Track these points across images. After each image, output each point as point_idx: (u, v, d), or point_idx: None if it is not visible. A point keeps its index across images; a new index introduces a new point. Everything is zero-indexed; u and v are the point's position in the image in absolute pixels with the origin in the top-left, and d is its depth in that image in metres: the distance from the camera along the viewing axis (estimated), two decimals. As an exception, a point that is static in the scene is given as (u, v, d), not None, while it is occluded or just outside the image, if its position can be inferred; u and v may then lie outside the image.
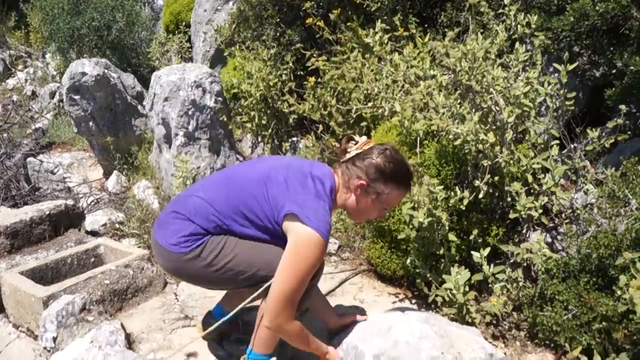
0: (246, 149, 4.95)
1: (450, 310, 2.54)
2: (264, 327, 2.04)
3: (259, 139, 4.76)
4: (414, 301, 2.99)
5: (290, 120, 4.44)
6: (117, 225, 3.97)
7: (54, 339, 2.50)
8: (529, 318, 2.57)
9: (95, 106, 4.71)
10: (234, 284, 2.10)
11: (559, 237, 3.11)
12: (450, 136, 2.54)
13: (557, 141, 2.87)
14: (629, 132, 3.32)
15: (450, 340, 2.09)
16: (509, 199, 2.72)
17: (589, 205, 3.08)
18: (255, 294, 2.05)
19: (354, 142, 2.10)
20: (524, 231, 3.13)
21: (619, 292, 2.38)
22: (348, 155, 2.09)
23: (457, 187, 2.65)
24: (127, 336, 2.55)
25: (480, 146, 2.48)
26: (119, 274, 2.88)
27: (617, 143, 3.23)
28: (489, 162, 2.50)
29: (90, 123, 4.73)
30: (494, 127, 2.61)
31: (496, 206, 2.95)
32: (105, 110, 4.81)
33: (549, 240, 3.12)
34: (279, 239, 2.02)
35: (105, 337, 2.35)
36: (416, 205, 2.54)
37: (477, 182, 2.53)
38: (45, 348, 2.49)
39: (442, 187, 2.58)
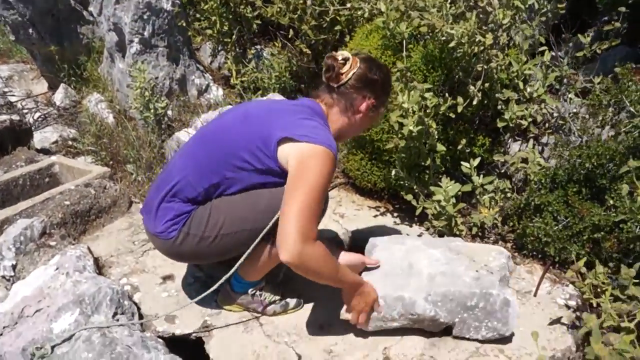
0: (206, 58, 4.60)
1: (439, 223, 2.44)
2: (257, 260, 1.90)
3: (220, 47, 4.41)
4: (395, 214, 2.89)
5: (254, 26, 4.10)
6: (70, 142, 3.66)
7: (13, 267, 2.28)
8: (518, 229, 2.51)
9: (35, 10, 4.21)
10: (240, 247, 1.84)
11: (539, 148, 3.02)
12: (443, 38, 2.33)
13: (545, 47, 2.71)
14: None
15: (469, 256, 2.02)
16: (499, 107, 2.57)
17: (572, 115, 2.99)
18: (257, 240, 1.82)
19: (342, 61, 1.88)
20: (507, 141, 3.05)
21: (611, 202, 2.33)
22: (345, 78, 1.89)
23: (446, 94, 2.47)
24: (96, 260, 2.35)
25: (475, 49, 2.29)
26: (79, 194, 2.63)
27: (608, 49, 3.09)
28: (483, 67, 2.32)
29: (30, 30, 4.25)
30: (485, 29, 2.41)
31: (482, 115, 2.82)
32: (46, 16, 4.31)
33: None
34: (279, 177, 1.80)
35: (72, 263, 2.15)
36: (405, 113, 2.36)
37: (471, 89, 2.36)
38: (3, 277, 2.27)
39: (431, 93, 2.40)
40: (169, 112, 3.87)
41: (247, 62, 4.15)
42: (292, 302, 2.13)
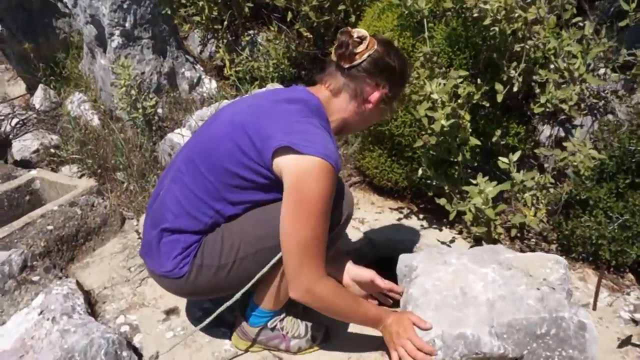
0: (195, 48, 4.23)
1: (479, 230, 2.13)
2: (275, 285, 1.65)
3: (210, 35, 4.05)
4: (421, 216, 2.58)
5: (246, 9, 3.74)
6: (52, 151, 3.31)
7: (-8, 309, 1.96)
8: (564, 230, 2.20)
9: (2, 5, 3.82)
10: (264, 272, 1.62)
11: (573, 132, 2.71)
12: (475, 14, 1.99)
13: (579, 17, 2.38)
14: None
15: (524, 270, 1.72)
16: (537, 90, 2.25)
17: (611, 93, 2.68)
18: (267, 267, 1.61)
19: (357, 39, 1.57)
20: (537, 126, 2.73)
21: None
22: (359, 59, 1.58)
23: (478, 80, 2.14)
24: (87, 295, 2.04)
25: (515, 26, 1.96)
26: (64, 216, 2.30)
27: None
28: (524, 46, 1.99)
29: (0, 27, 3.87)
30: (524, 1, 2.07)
31: (513, 100, 2.49)
32: (17, 10, 3.92)
33: (562, 134, 2.73)
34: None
35: (59, 304, 1.84)
36: (434, 105, 2.04)
37: (511, 73, 2.03)
38: (-19, 322, 1.96)
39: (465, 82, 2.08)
40: (159, 111, 3.52)
41: (241, 50, 3.79)
42: (318, 335, 1.83)
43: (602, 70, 2.60)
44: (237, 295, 1.62)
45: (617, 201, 2.13)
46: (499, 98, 2.03)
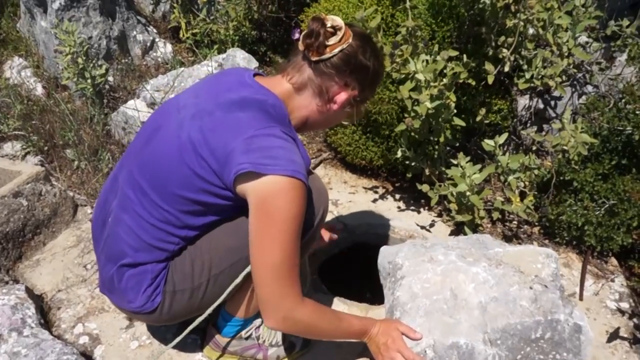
0: (147, 6, 3.88)
1: (464, 218, 2.02)
2: (248, 292, 1.52)
3: (163, -8, 3.72)
4: (397, 196, 2.45)
5: (202, -36, 3.42)
6: (-9, 126, 3.00)
7: None
8: (550, 214, 2.12)
9: None
10: (237, 283, 1.46)
11: (552, 104, 2.61)
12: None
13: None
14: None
15: (514, 265, 1.62)
16: (524, 66, 2.11)
17: (593, 63, 2.57)
18: (240, 278, 1.44)
19: (330, 29, 1.34)
20: (516, 99, 2.61)
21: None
22: (328, 53, 1.35)
23: (463, 56, 1.98)
24: (39, 301, 1.85)
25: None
26: (7, 209, 2.07)
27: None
28: (518, 22, 1.83)
29: None
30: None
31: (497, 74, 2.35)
32: (-60, -37, 3.49)
33: (541, 106, 2.62)
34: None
35: (7, 318, 1.64)
36: (419, 85, 1.87)
37: (504, 52, 1.88)
38: None
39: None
40: (110, 79, 3.23)
41: (198, 10, 3.49)
42: (297, 341, 1.70)
43: (582, 39, 2.48)
44: (210, 310, 1.46)
45: (604, 183, 2.05)
46: (490, 80, 1.88)
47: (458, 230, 2.23)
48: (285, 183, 1.23)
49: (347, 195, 2.46)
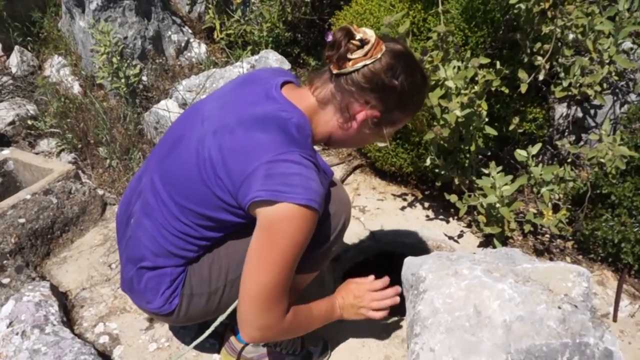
0: (183, 6, 3.92)
1: (493, 230, 1.95)
2: None
3: (199, -7, 3.74)
4: (426, 204, 2.39)
5: (238, -34, 3.43)
6: (29, 122, 3.07)
7: (-42, 316, 1.79)
8: (584, 229, 2.03)
9: (-28, -42, 3.49)
10: None
11: (591, 112, 2.50)
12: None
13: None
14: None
15: (543, 283, 1.55)
16: (561, 73, 2.02)
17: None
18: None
19: (357, 43, 1.25)
20: (553, 107, 2.52)
21: None
22: (349, 68, 1.26)
23: (496, 63, 1.91)
24: (64, 298, 1.87)
25: (545, 5, 1.71)
26: (38, 206, 2.10)
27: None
28: (555, 28, 1.75)
29: (-31, -18, 3.55)
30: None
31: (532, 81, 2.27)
32: (-13, -37, 3.59)
33: (580, 115, 2.52)
34: None
35: (30, 314, 1.66)
36: (449, 92, 1.82)
37: (538, 60, 1.80)
38: (-54, 329, 1.79)
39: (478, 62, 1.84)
40: (144, 79, 3.26)
41: (233, 11, 3.50)
42: (315, 350, 1.68)
43: (627, 44, 2.37)
44: (225, 314, 1.44)
45: (643, 199, 1.95)
46: (523, 89, 1.81)
47: (487, 241, 2.16)
48: (296, 211, 1.20)
49: (375, 202, 2.42)
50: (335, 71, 1.29)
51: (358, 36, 1.25)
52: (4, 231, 1.97)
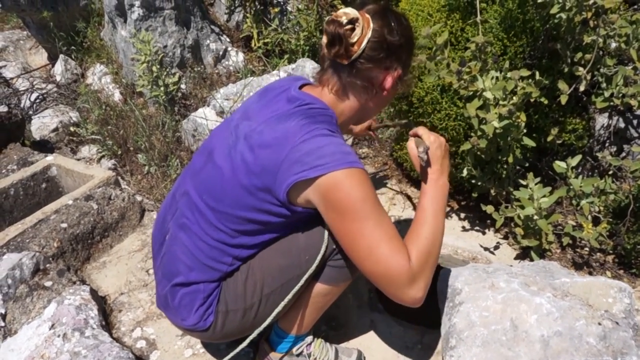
0: (221, 15, 3.99)
1: (530, 243, 1.92)
2: (301, 309, 1.52)
3: (237, 2, 3.80)
4: (462, 215, 2.37)
5: (275, -25, 3.47)
6: (72, 129, 3.16)
7: (3, 317, 1.85)
8: (626, 243, 1.97)
9: (21, -29, 3.63)
10: (289, 299, 1.44)
11: (634, 123, 2.43)
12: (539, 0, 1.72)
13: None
14: None
15: (582, 298, 1.53)
16: (602, 84, 1.98)
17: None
18: (302, 282, 1.41)
19: (349, 27, 1.27)
20: (594, 117, 2.46)
21: None
22: (358, 50, 1.29)
23: (536, 73, 1.88)
24: (103, 302, 1.91)
25: (587, 14, 1.68)
26: (79, 212, 2.16)
27: None
28: (597, 38, 1.72)
29: (18, -7, 3.69)
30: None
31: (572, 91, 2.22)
32: (35, -24, 3.73)
33: (622, 125, 2.45)
34: (301, 215, 1.35)
35: (71, 317, 1.71)
36: (486, 103, 1.80)
37: (579, 70, 1.77)
38: (-8, 329, 1.85)
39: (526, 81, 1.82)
40: (183, 87, 3.33)
41: (270, 20, 3.54)
42: (350, 360, 1.67)
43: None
44: (262, 327, 1.45)
45: (690, 213, 1.89)
46: (563, 100, 1.77)
47: (524, 253, 2.12)
48: (340, 175, 1.19)
49: (411, 212, 2.40)
50: (346, 62, 1.31)
51: (346, 20, 1.27)
52: (47, 235, 2.03)
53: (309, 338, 1.63)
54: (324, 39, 1.31)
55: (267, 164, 1.25)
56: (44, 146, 3.01)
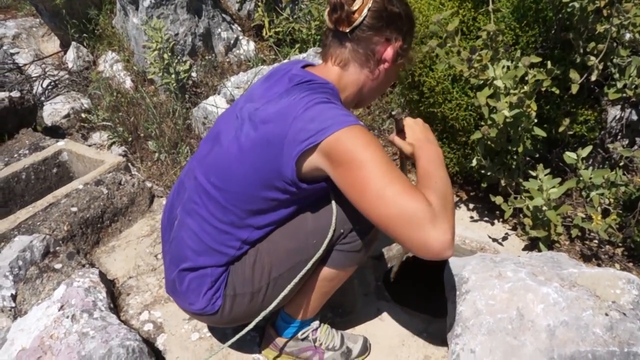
0: (233, 4, 3.99)
1: (539, 234, 1.91)
2: (307, 294, 1.53)
3: (249, -8, 3.80)
4: (471, 206, 2.36)
5: (287, -36, 3.46)
6: (83, 116, 3.19)
7: (13, 297, 1.87)
8: (636, 235, 1.96)
9: (34, -43, 3.65)
10: (296, 283, 1.44)
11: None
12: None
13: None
14: None
15: (590, 289, 1.52)
16: (615, 74, 1.96)
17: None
18: (309, 265, 1.41)
19: None
20: (606, 109, 2.44)
21: None
22: (359, 18, 1.33)
23: (547, 63, 1.87)
24: (111, 285, 1.93)
25: (600, 3, 1.67)
26: (89, 196, 2.18)
27: None
28: (610, 27, 1.70)
29: (32, -20, 3.71)
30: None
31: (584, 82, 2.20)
32: (48, -37, 3.75)
33: (635, 118, 2.43)
34: (310, 193, 1.35)
35: (80, 299, 1.73)
36: (497, 92, 1.79)
37: (591, 60, 1.75)
38: (2, 310, 1.87)
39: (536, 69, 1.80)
40: (193, 75, 3.34)
41: (282, 9, 3.54)
42: (355, 347, 1.67)
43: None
44: (268, 310, 1.46)
45: (701, 206, 1.87)
46: (574, 89, 1.76)
47: (533, 245, 2.11)
48: (341, 132, 1.18)
49: (418, 201, 2.39)
50: (347, 30, 1.34)
51: None
52: (57, 219, 2.05)
53: (315, 323, 1.64)
54: (327, 10, 1.35)
55: (272, 137, 1.25)
56: (56, 132, 3.04)
